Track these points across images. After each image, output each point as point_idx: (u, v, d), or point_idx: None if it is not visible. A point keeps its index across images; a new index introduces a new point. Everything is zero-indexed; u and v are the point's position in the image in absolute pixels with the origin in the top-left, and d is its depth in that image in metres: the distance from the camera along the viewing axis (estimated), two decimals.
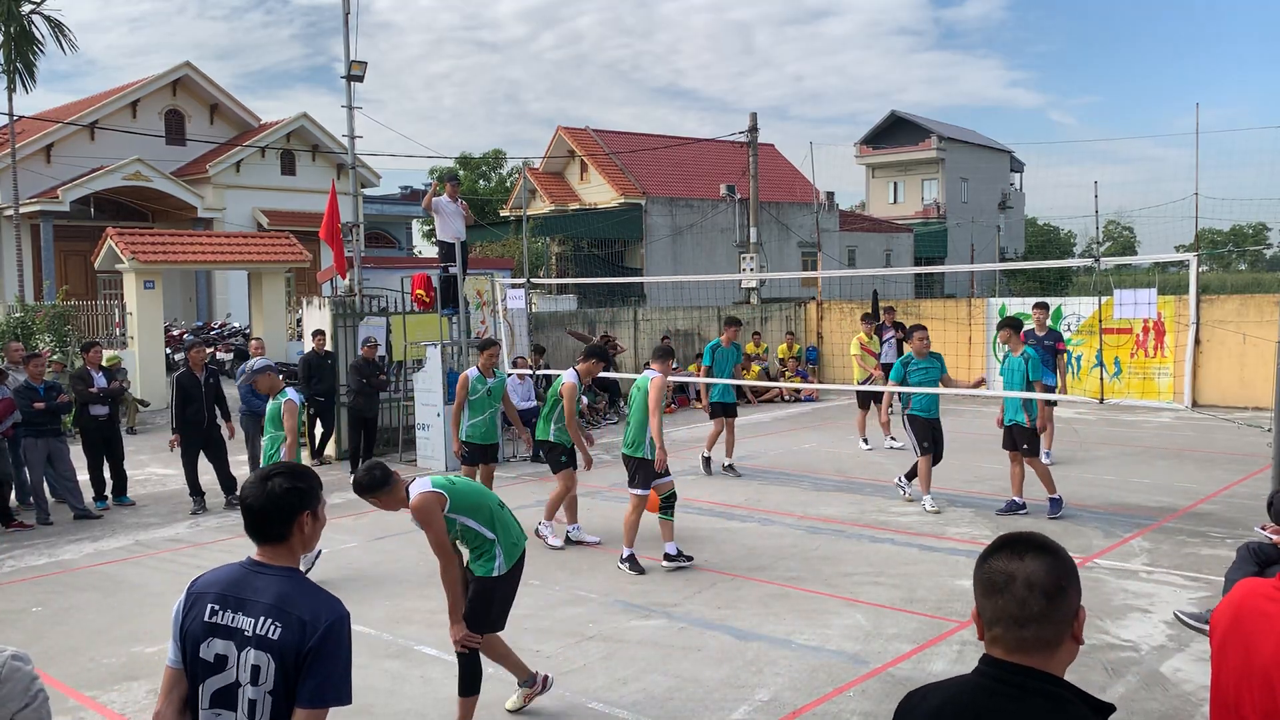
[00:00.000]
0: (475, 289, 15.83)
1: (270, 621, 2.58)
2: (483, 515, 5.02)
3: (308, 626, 2.56)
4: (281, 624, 2.57)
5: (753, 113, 25.14)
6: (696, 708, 5.46)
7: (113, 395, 11.49)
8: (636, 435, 8.18)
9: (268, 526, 2.69)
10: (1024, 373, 9.62)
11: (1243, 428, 13.93)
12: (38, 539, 9.90)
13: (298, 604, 2.60)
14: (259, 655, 2.57)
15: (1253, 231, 64.54)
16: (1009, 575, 1.89)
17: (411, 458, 13.77)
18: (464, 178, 49.97)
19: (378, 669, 6.13)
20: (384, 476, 4.84)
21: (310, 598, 2.63)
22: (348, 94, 15.92)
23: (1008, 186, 56.74)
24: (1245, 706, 2.14)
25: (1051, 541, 1.96)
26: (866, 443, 14.02)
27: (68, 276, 26.72)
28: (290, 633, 2.56)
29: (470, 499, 5.01)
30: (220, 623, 2.64)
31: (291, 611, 2.58)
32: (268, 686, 2.57)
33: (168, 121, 30.29)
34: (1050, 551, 1.92)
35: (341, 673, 2.60)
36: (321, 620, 2.57)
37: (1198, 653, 6.00)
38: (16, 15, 23.34)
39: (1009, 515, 9.68)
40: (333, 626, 2.58)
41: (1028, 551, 1.91)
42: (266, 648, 2.57)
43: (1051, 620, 1.87)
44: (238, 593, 2.65)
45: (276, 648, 2.56)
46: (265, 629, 2.58)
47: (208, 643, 2.64)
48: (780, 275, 20.65)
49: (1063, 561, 1.91)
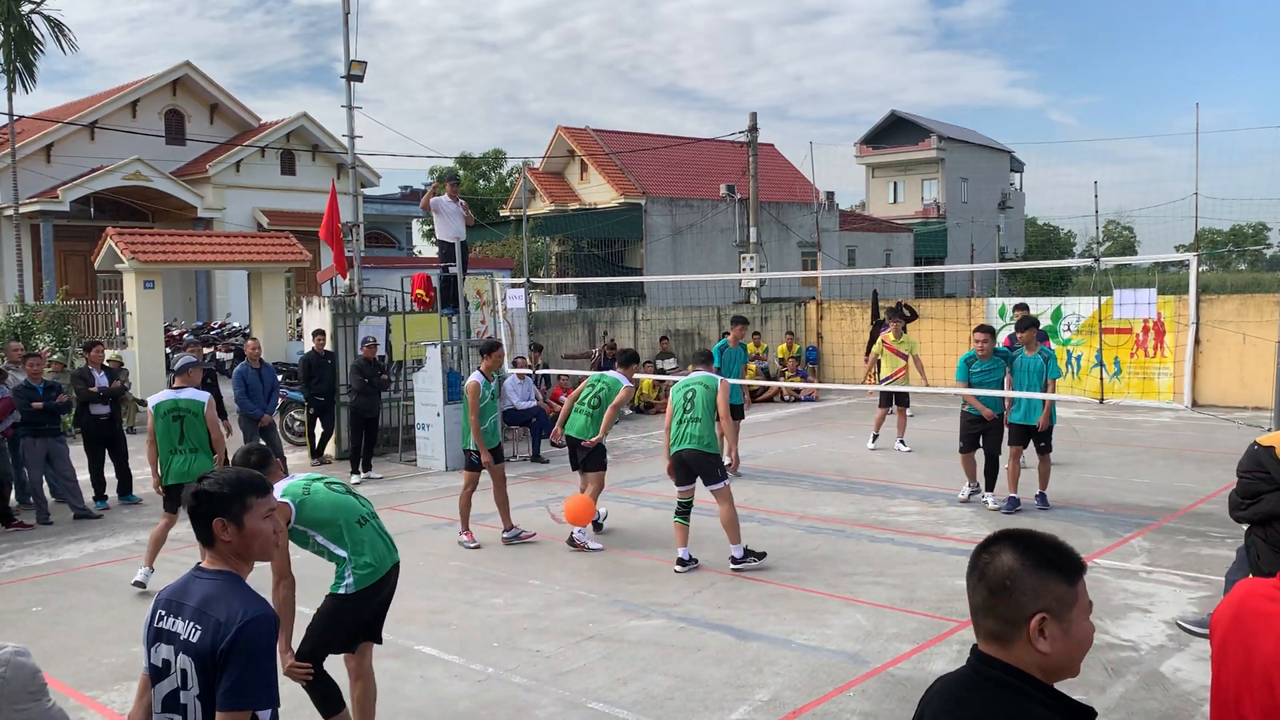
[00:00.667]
0: (475, 289, 15.83)
1: (193, 625, 2.61)
2: (331, 531, 4.64)
3: (222, 628, 2.56)
4: (201, 627, 2.59)
5: (753, 113, 25.16)
6: (696, 708, 5.45)
7: (114, 395, 11.48)
8: (706, 432, 8.09)
9: (195, 528, 2.74)
10: (1041, 372, 9.76)
11: (1243, 428, 13.93)
12: (38, 539, 9.90)
13: (217, 606, 2.60)
14: (185, 659, 2.61)
15: (1253, 231, 64.52)
16: (973, 565, 2.04)
17: (411, 457, 13.77)
18: (464, 178, 49.97)
19: (378, 669, 6.11)
20: (260, 461, 4.50)
21: (231, 599, 2.61)
22: (348, 94, 15.91)
23: (1008, 186, 56.75)
24: (1246, 706, 2.14)
25: (1038, 544, 1.97)
26: (875, 439, 13.97)
27: (68, 276, 26.72)
28: (207, 634, 2.58)
29: (321, 512, 4.63)
30: (164, 628, 2.69)
31: (210, 614, 2.59)
32: (195, 691, 2.61)
33: (168, 121, 30.29)
34: (1020, 551, 1.95)
35: (260, 674, 2.56)
36: (236, 620, 2.55)
37: (1198, 653, 6.00)
38: (16, 15, 23.34)
39: (1013, 514, 9.71)
40: (246, 627, 2.55)
41: (1004, 549, 1.98)
42: (190, 651, 2.60)
43: (994, 614, 1.96)
44: (178, 598, 2.71)
45: (196, 650, 2.59)
46: (189, 633, 2.61)
47: (155, 648, 2.70)
48: (780, 275, 20.67)
49: (1025, 564, 1.93)
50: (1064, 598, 1.94)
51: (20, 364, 11.20)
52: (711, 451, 8.09)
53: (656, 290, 27.57)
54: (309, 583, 8.14)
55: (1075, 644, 1.95)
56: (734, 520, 8.08)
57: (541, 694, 5.66)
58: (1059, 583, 1.94)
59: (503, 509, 9.24)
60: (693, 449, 8.07)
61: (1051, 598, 1.93)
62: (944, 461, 12.85)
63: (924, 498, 10.70)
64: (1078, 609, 1.96)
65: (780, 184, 36.99)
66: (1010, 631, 1.94)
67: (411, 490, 11.92)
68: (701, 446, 8.06)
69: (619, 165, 34.32)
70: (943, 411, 17.83)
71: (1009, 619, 1.94)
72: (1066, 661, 1.95)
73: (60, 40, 24.61)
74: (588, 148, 35.55)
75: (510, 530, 9.27)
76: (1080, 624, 1.96)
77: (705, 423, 8.09)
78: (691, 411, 8.14)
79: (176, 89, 30.34)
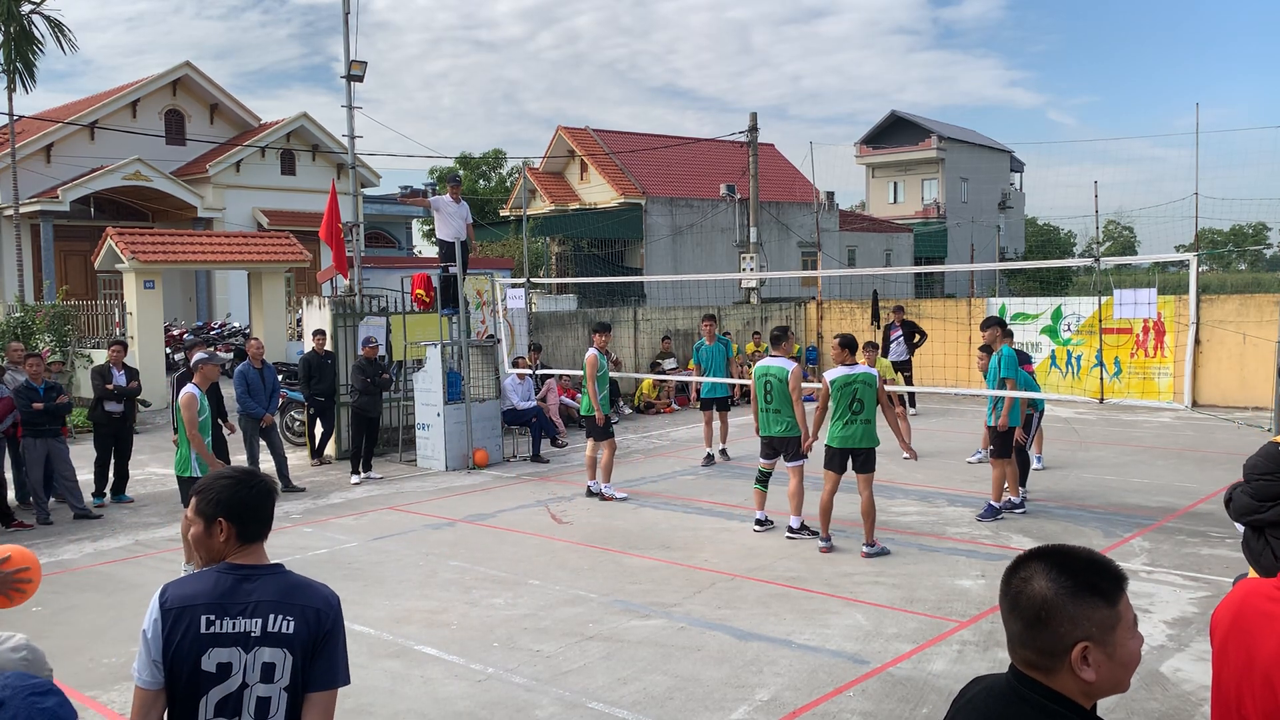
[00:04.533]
0: (475, 289, 15.83)
1: (281, 617, 2.63)
2: None
3: (321, 614, 2.67)
4: (294, 617, 2.64)
5: (753, 112, 25.15)
6: (696, 708, 5.45)
7: (130, 394, 11.68)
8: (788, 419, 8.98)
9: (260, 526, 2.76)
10: (995, 371, 9.56)
11: (1243, 428, 13.93)
12: (38, 539, 9.89)
13: (304, 594, 2.70)
14: (273, 653, 2.61)
15: (1253, 231, 64.51)
16: (1005, 591, 1.91)
17: (411, 457, 13.77)
18: (464, 178, 49.93)
19: (378, 669, 6.13)
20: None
21: (311, 588, 2.73)
22: (348, 94, 15.90)
23: (1008, 186, 56.73)
24: (1246, 707, 2.13)
25: (1072, 565, 1.84)
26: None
27: (68, 276, 26.70)
28: (304, 624, 2.64)
29: None
30: (221, 631, 2.63)
31: (299, 603, 2.67)
32: (284, 682, 2.62)
33: (168, 121, 30.26)
34: (1055, 576, 1.83)
35: (344, 654, 2.72)
36: (333, 604, 2.71)
37: (1198, 653, 6.00)
38: (16, 15, 23.30)
39: (1012, 513, 9.68)
40: (339, 611, 2.73)
41: (1036, 574, 1.85)
42: (282, 643, 2.62)
43: (1032, 646, 1.83)
44: (229, 599, 2.65)
45: (293, 641, 2.62)
46: (278, 625, 2.62)
47: (208, 654, 2.62)
48: (780, 275, 20.62)
49: (1061, 591, 1.81)
50: (1106, 621, 1.80)
51: (20, 364, 11.22)
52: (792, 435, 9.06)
53: (656, 290, 27.55)
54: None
55: (1121, 665, 1.83)
56: (795, 495, 9.08)
57: (541, 694, 5.66)
58: (1100, 607, 1.80)
59: (605, 470, 10.94)
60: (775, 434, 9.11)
61: (1092, 624, 1.79)
62: (943, 462, 12.85)
63: (924, 498, 10.70)
64: (1121, 628, 1.82)
65: (780, 184, 36.99)
66: (1051, 663, 1.81)
67: (411, 490, 11.92)
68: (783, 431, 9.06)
69: (619, 165, 34.31)
70: (943, 412, 17.83)
71: (1048, 651, 1.81)
72: (1113, 684, 1.83)
73: (60, 40, 24.58)
74: (588, 148, 35.55)
75: (607, 486, 10.94)
76: (1126, 644, 1.83)
77: (784, 411, 9.01)
78: (775, 400, 9.02)
79: (176, 89, 30.31)
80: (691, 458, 13.42)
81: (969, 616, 6.83)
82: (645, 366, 20.01)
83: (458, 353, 13.61)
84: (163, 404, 17.49)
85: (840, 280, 27.68)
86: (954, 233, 47.09)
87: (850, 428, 8.39)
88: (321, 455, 14.12)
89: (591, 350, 11.14)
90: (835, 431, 8.48)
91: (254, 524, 2.74)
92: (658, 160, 35.04)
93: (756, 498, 9.49)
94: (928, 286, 35.52)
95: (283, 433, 14.12)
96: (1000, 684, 1.93)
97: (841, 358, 8.55)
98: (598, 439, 11.01)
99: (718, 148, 36.31)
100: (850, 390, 8.39)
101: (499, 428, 13.80)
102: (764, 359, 9.23)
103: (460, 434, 13.21)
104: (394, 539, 9.42)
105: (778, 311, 23.37)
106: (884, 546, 8.47)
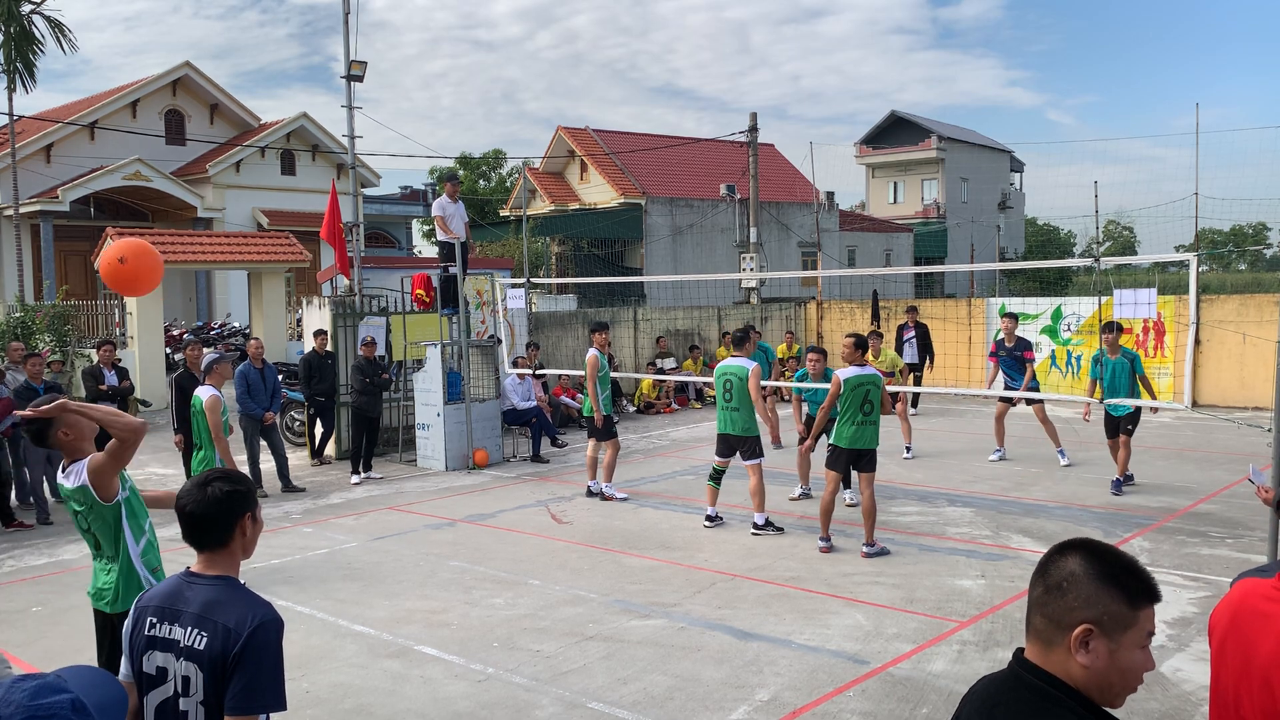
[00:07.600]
0: (475, 289, 15.82)
1: (197, 631, 2.60)
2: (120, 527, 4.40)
3: (231, 633, 2.56)
4: (207, 633, 2.58)
5: (753, 113, 25.15)
6: (696, 708, 5.45)
7: (123, 394, 11.69)
8: (746, 418, 9.21)
9: (209, 533, 2.70)
10: (1130, 372, 10.49)
11: (1243, 428, 13.93)
12: (38, 539, 9.90)
13: (223, 611, 2.60)
14: (188, 666, 2.60)
15: (1253, 231, 64.45)
16: (1041, 565, 1.97)
17: (411, 457, 13.78)
18: (464, 178, 49.97)
19: (378, 669, 6.13)
20: None
21: (237, 604, 2.62)
22: (347, 94, 15.91)
23: (1008, 186, 56.74)
24: (1245, 707, 2.14)
25: (1109, 557, 1.89)
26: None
27: (68, 276, 26.71)
28: (216, 640, 2.57)
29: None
30: (159, 635, 2.67)
31: (216, 619, 2.59)
32: (198, 697, 2.59)
33: (168, 121, 30.27)
34: (1088, 558, 1.89)
35: (269, 677, 2.57)
36: (246, 625, 2.57)
37: (1198, 653, 6.00)
38: (16, 15, 23.31)
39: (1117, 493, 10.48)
40: (256, 631, 2.56)
41: (1075, 554, 1.92)
42: (194, 658, 2.59)
43: (1043, 612, 1.90)
44: (173, 604, 2.68)
45: (204, 657, 2.58)
46: (193, 639, 2.60)
47: (149, 655, 2.68)
48: (780, 275, 20.60)
49: (1089, 571, 1.87)
50: (1119, 616, 1.83)
51: (20, 364, 11.22)
52: (751, 435, 9.24)
53: (656, 290, 27.54)
54: (309, 582, 8.14)
55: (1118, 671, 1.84)
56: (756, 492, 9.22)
57: (541, 694, 5.66)
58: (1117, 600, 1.84)
59: (608, 469, 10.93)
60: (730, 432, 9.30)
61: (1104, 611, 1.83)
62: (944, 461, 12.85)
63: (924, 498, 10.70)
64: (1133, 634, 1.84)
65: (780, 184, 36.98)
66: (1053, 634, 1.88)
67: (411, 490, 11.92)
68: (741, 430, 9.24)
69: (619, 165, 34.31)
70: (943, 412, 17.83)
71: (1055, 620, 1.87)
72: (1104, 685, 1.85)
73: (60, 40, 24.59)
74: (587, 148, 35.54)
75: (608, 486, 10.92)
76: (1130, 652, 1.84)
77: (744, 411, 9.20)
78: (735, 399, 9.21)
79: (176, 89, 30.31)
80: (691, 458, 13.42)
81: (969, 616, 6.83)
82: (645, 367, 20.01)
83: (458, 353, 13.61)
84: (163, 404, 17.49)
85: (840, 280, 27.68)
86: (954, 233, 47.09)
87: (861, 429, 8.41)
88: (321, 455, 14.12)
89: (592, 350, 11.12)
90: (844, 432, 8.46)
91: (197, 532, 2.69)
92: (658, 160, 35.03)
93: (709, 494, 9.63)
94: (928, 287, 35.51)
95: (283, 433, 14.12)
96: (1002, 672, 2.00)
97: (854, 357, 8.56)
98: (600, 439, 11.01)
99: (718, 148, 36.30)
100: (862, 391, 8.41)
101: (499, 428, 13.80)
102: (727, 359, 9.63)
103: (460, 434, 13.21)
104: (394, 539, 9.42)
105: (777, 311, 23.37)
106: (884, 546, 8.48)
